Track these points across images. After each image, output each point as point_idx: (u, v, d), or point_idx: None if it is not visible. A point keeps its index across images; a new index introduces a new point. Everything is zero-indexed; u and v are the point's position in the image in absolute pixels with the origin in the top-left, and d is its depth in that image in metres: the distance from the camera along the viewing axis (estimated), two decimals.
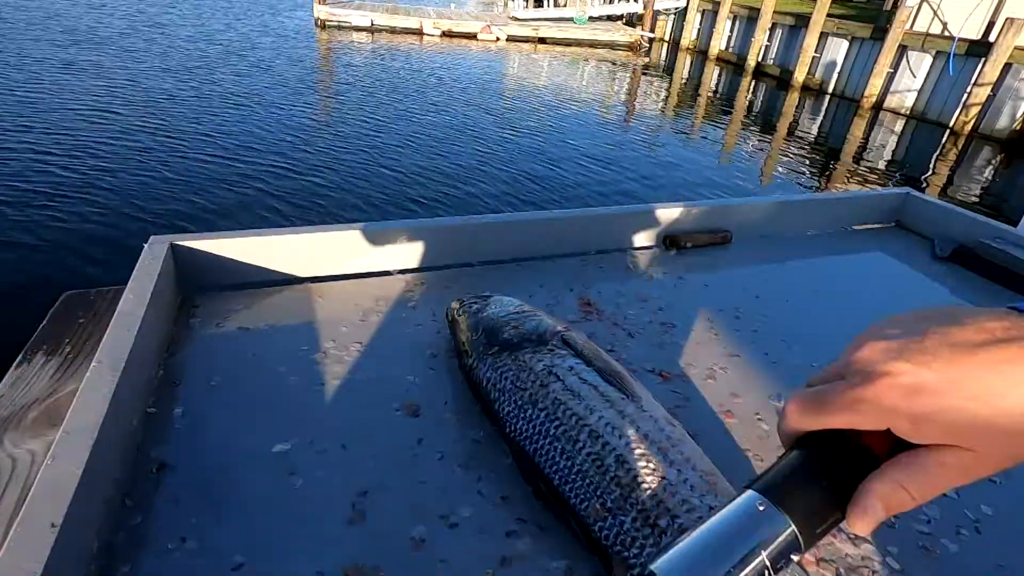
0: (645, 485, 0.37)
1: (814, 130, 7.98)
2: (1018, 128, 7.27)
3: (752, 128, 7.84)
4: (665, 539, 0.35)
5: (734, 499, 0.28)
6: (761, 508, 0.28)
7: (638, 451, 0.39)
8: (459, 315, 0.56)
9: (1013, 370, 0.25)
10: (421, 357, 0.57)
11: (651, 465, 0.38)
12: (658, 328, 0.66)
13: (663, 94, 9.56)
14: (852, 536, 0.43)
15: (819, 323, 0.71)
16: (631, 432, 0.40)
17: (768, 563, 0.27)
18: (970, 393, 0.26)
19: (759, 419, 0.54)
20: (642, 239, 0.86)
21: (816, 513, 0.28)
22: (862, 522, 0.27)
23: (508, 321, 0.51)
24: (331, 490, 0.42)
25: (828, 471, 0.29)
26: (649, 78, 10.74)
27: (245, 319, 0.60)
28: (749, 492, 0.29)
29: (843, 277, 0.85)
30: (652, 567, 0.28)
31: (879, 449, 0.28)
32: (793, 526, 0.27)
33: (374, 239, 0.71)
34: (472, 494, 0.43)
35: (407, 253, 0.73)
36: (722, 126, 7.92)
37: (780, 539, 0.27)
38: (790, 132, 7.70)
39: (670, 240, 0.86)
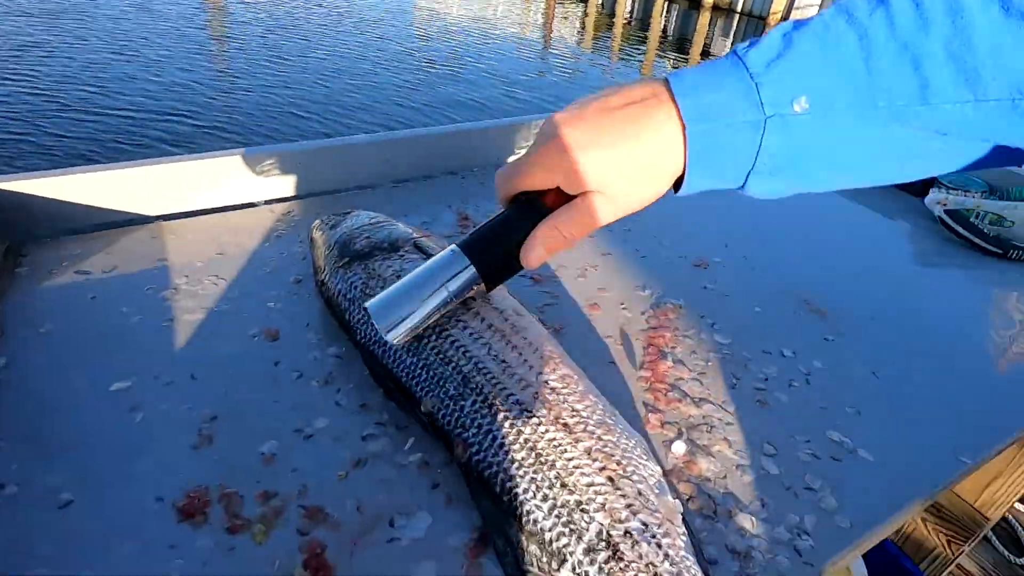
0: (485, 370, 0.38)
1: (726, 47, 8.09)
2: None
3: (668, 51, 7.86)
4: (500, 418, 0.36)
5: (437, 254, 0.38)
6: (453, 255, 0.37)
7: (481, 340, 0.40)
8: (315, 233, 0.54)
9: (635, 127, 0.32)
10: (284, 284, 0.55)
11: (492, 351, 0.39)
12: None
13: (578, 23, 9.35)
14: (695, 398, 0.46)
15: (691, 216, 0.74)
16: (475, 323, 0.40)
17: (450, 293, 0.37)
18: (600, 145, 0.32)
19: (623, 308, 0.56)
20: (521, 151, 0.85)
21: (493, 256, 0.37)
22: (528, 258, 0.36)
23: (360, 232, 0.49)
24: (176, 420, 0.40)
25: (510, 225, 0.37)
26: (564, 7, 10.43)
27: (84, 264, 0.55)
28: (451, 246, 0.38)
29: None
30: (367, 304, 0.38)
31: (554, 206, 0.35)
32: (472, 265, 0.37)
33: (235, 168, 0.66)
34: (330, 406, 0.42)
35: (273, 182, 0.69)
36: (639, 50, 7.88)
37: (461, 275, 0.37)
38: (704, 52, 7.78)
39: None
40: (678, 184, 0.34)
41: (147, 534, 0.33)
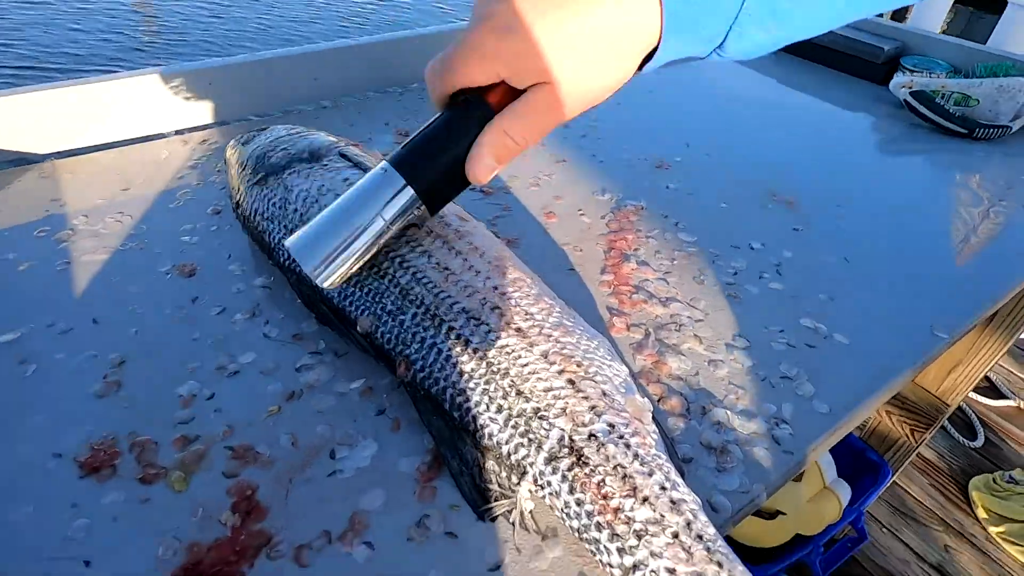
0: (425, 279, 0.34)
1: None
2: None
3: None
4: (444, 330, 0.32)
5: (364, 175, 0.30)
6: (384, 174, 0.30)
7: (419, 248, 0.35)
8: (229, 152, 0.47)
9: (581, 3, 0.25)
10: (201, 215, 0.49)
11: (433, 260, 0.34)
12: None
13: None
14: (662, 298, 0.42)
15: (652, 119, 0.69)
16: (410, 230, 0.36)
17: (386, 221, 0.30)
18: (551, 21, 0.26)
19: (581, 214, 0.51)
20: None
21: (433, 172, 0.30)
22: (475, 171, 0.29)
23: (277, 144, 0.43)
24: (75, 368, 0.35)
25: (451, 132, 0.29)
26: None
27: None
28: (381, 163, 0.30)
29: (677, 78, 0.83)
30: (286, 242, 0.30)
31: (501, 105, 0.29)
32: (409, 185, 0.29)
33: (139, 93, 0.58)
34: (257, 339, 0.38)
35: (184, 107, 0.61)
36: None
37: (396, 199, 0.29)
38: None
39: None
40: (644, 60, 0.28)
41: (42, 494, 0.29)
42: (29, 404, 0.33)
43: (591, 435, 0.28)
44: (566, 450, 0.28)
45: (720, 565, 0.25)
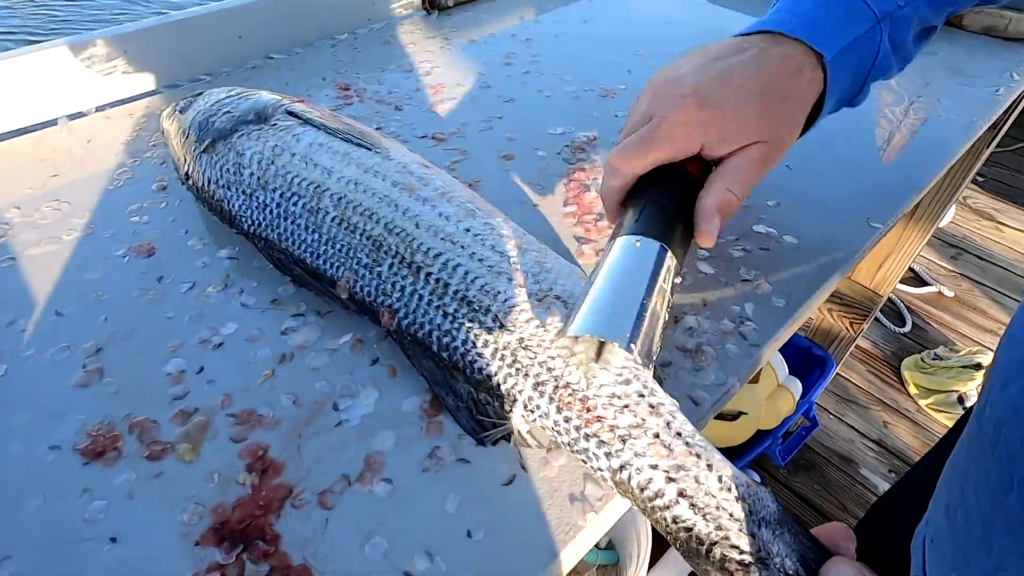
0: (397, 229, 0.34)
1: None
2: None
3: None
4: (423, 276, 0.33)
5: (608, 253, 0.30)
6: (637, 244, 0.29)
7: (387, 199, 0.35)
8: (167, 122, 0.45)
9: (773, 68, 0.32)
10: (146, 193, 0.47)
11: (401, 208, 0.35)
12: (427, 94, 0.60)
13: None
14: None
15: (591, 49, 0.69)
16: (376, 183, 0.36)
17: (665, 287, 0.29)
18: (750, 91, 0.32)
19: (537, 151, 0.52)
20: (399, 7, 0.74)
21: (677, 234, 0.31)
22: (707, 232, 0.32)
23: (218, 109, 0.41)
24: (49, 363, 0.34)
25: (669, 200, 0.32)
26: None
27: None
28: (621, 238, 0.30)
29: (611, 7, 0.82)
30: (568, 331, 0.28)
31: (698, 175, 0.33)
32: (668, 249, 0.29)
33: (45, 69, 0.53)
34: (235, 309, 0.37)
35: (102, 80, 0.56)
36: None
37: (665, 264, 0.29)
38: None
39: (431, 2, 0.76)
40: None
41: (50, 486, 0.29)
42: (9, 403, 0.32)
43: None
44: (548, 373, 0.30)
45: (699, 456, 0.27)
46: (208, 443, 0.30)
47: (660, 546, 0.89)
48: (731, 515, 0.24)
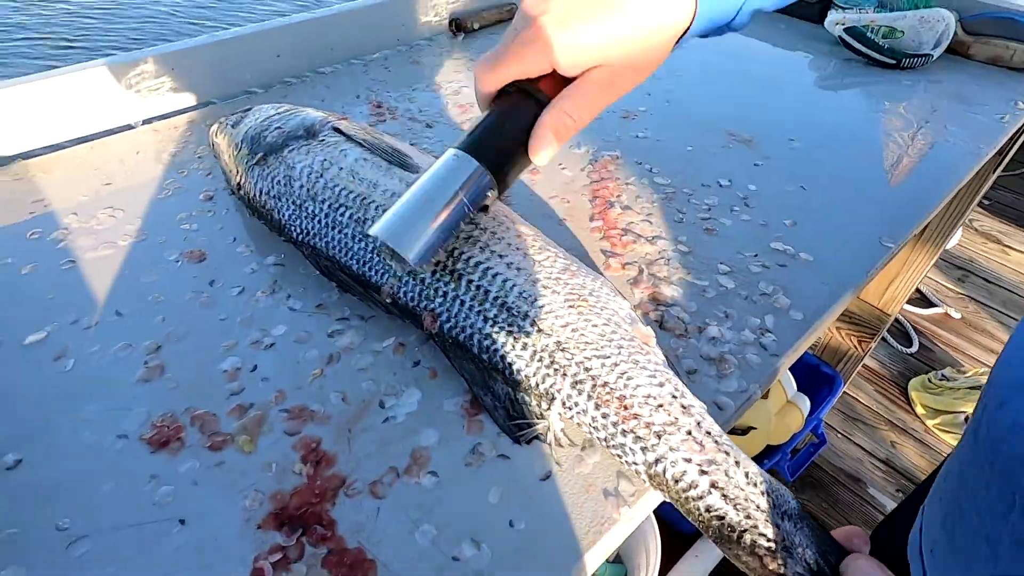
0: None
1: None
2: None
3: None
4: (464, 283, 0.35)
5: (435, 162, 0.33)
6: (456, 159, 0.32)
7: None
8: (218, 136, 0.47)
9: None
10: (194, 202, 0.49)
11: None
12: (456, 112, 0.63)
13: None
14: (648, 237, 0.47)
15: None
16: None
17: (467, 202, 0.32)
18: (603, 10, 0.29)
19: (562, 168, 0.55)
20: (425, 29, 0.78)
21: (502, 154, 0.32)
22: (539, 151, 0.32)
23: (269, 124, 0.44)
24: (113, 359, 0.36)
25: (510, 119, 0.32)
26: None
27: None
28: (449, 150, 0.33)
29: None
30: (371, 231, 0.32)
31: (552, 93, 0.32)
32: (484, 168, 0.32)
33: (97, 85, 0.56)
34: (283, 313, 0.40)
35: (149, 96, 0.59)
36: None
37: (474, 181, 0.32)
38: None
39: (456, 24, 0.79)
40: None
41: (120, 472, 0.31)
42: (79, 395, 0.34)
43: (607, 359, 0.32)
44: (585, 373, 0.32)
45: (727, 453, 0.30)
46: (264, 436, 0.33)
47: (669, 560, 0.90)
48: (757, 506, 0.26)
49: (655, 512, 0.73)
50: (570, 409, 0.32)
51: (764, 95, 0.70)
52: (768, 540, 0.26)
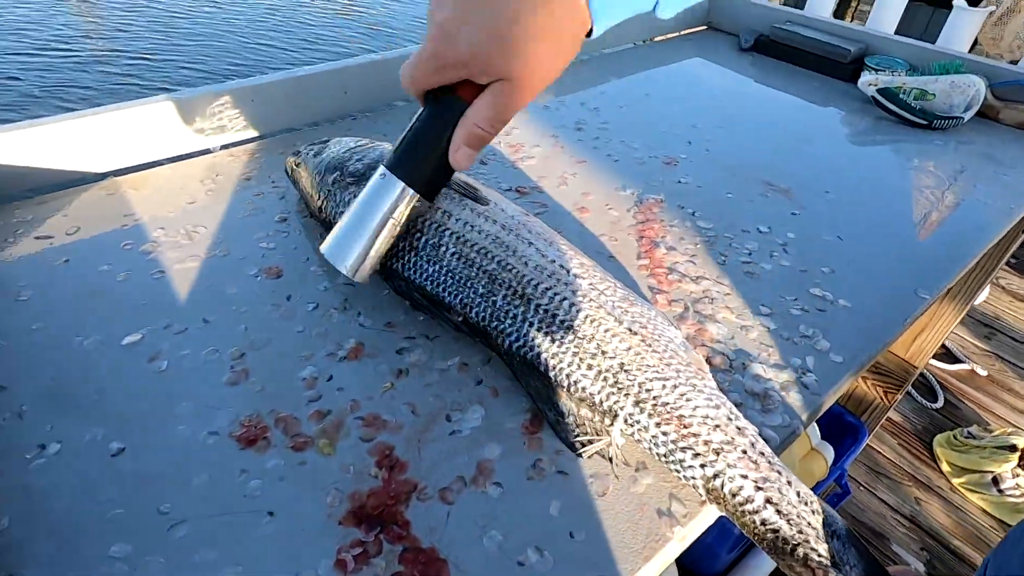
0: (509, 265, 0.40)
1: None
2: None
3: None
4: (533, 307, 0.38)
5: (366, 185, 0.38)
6: (382, 179, 0.37)
7: (498, 240, 0.41)
8: (298, 166, 0.52)
9: (522, 1, 0.28)
10: (270, 223, 0.53)
11: (511, 248, 0.40)
12: (508, 151, 0.67)
13: None
14: (693, 277, 0.50)
15: (653, 120, 0.76)
16: (488, 227, 0.42)
17: (395, 219, 0.38)
18: (497, 29, 0.29)
19: (609, 208, 0.58)
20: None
21: (423, 170, 0.36)
22: (456, 161, 0.34)
23: (350, 156, 0.48)
24: (202, 362, 0.40)
25: (430, 131, 0.35)
26: None
27: (42, 229, 0.51)
28: (377, 170, 0.37)
29: (667, 79, 0.91)
30: (321, 249, 0.39)
31: (471, 96, 0.33)
32: (407, 186, 0.36)
33: (183, 112, 0.61)
34: (355, 329, 0.43)
35: (227, 125, 0.65)
36: None
37: (400, 199, 0.37)
38: None
39: None
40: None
41: (213, 465, 0.34)
42: (173, 394, 0.38)
43: (666, 379, 0.35)
44: (647, 393, 0.34)
45: (780, 472, 0.32)
46: (342, 440, 0.35)
47: None
48: (809, 523, 0.28)
49: (677, 561, 0.74)
50: (632, 426, 0.35)
51: (799, 148, 0.73)
52: (819, 555, 0.28)
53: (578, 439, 0.35)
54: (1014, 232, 0.92)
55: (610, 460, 0.35)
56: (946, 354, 1.72)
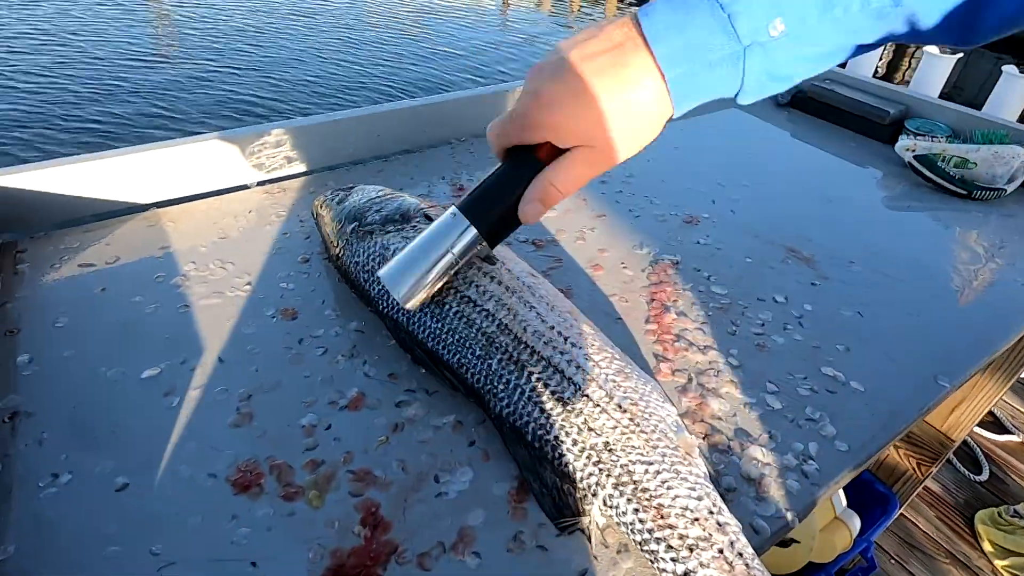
0: (507, 330, 0.40)
1: None
2: None
3: (624, 10, 7.75)
4: (526, 374, 0.39)
5: (437, 217, 0.39)
6: (453, 218, 0.38)
7: (501, 302, 0.42)
8: (322, 210, 0.54)
9: (614, 81, 0.32)
10: (292, 263, 0.56)
11: (512, 311, 0.41)
12: None
13: None
14: (700, 346, 0.49)
15: (680, 174, 0.76)
16: (493, 287, 0.42)
17: (455, 255, 0.39)
18: (583, 102, 0.32)
19: (623, 267, 0.58)
20: None
21: (492, 215, 0.38)
22: (525, 213, 0.36)
23: (370, 206, 0.50)
24: (212, 401, 0.42)
25: (506, 183, 0.38)
26: None
27: (85, 257, 0.55)
28: (451, 207, 0.39)
29: (699, 131, 0.91)
30: (379, 274, 0.40)
31: (548, 158, 0.36)
32: (473, 227, 0.38)
33: (226, 150, 0.65)
34: (359, 378, 0.44)
35: (264, 163, 0.68)
36: (598, 8, 7.76)
37: (463, 237, 0.38)
38: None
39: None
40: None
41: (207, 508, 0.35)
42: (180, 432, 0.39)
43: (651, 465, 0.34)
44: (628, 476, 0.34)
45: None
46: (332, 493, 0.36)
47: None
48: None
49: None
50: (611, 508, 0.34)
51: (828, 211, 0.72)
52: None
53: (560, 514, 0.35)
54: None
55: (589, 539, 0.35)
56: (994, 422, 1.62)
